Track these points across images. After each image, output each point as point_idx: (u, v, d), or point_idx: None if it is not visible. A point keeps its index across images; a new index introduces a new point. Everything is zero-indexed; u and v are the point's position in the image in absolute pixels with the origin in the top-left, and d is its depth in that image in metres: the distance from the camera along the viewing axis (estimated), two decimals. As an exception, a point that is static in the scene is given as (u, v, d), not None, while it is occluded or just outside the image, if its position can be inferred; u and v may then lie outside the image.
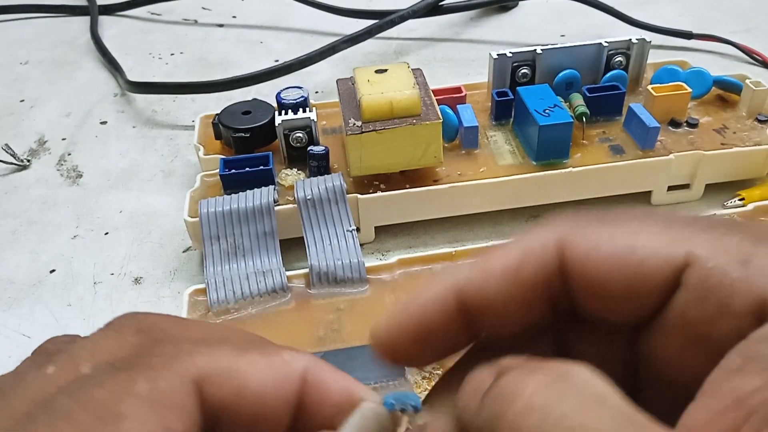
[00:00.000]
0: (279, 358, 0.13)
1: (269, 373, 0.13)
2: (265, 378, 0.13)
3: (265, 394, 0.13)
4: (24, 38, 0.63)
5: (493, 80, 0.41)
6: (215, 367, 0.13)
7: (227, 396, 0.12)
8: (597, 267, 0.12)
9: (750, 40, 0.51)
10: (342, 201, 0.33)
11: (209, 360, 0.13)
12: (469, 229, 0.37)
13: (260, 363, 0.13)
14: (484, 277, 0.13)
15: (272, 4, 0.66)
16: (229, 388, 0.13)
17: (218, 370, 0.13)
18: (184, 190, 0.37)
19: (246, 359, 0.13)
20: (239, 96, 0.45)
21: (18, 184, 0.43)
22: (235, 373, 0.13)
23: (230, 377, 0.13)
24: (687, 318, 0.12)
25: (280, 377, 0.13)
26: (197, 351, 0.13)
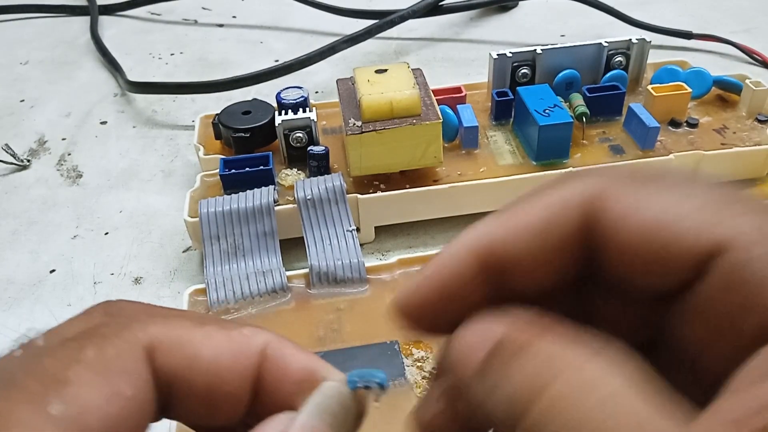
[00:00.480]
0: (237, 333, 0.13)
1: (225, 346, 0.13)
2: (221, 350, 0.13)
3: (220, 366, 0.13)
4: (24, 38, 0.63)
5: (493, 80, 0.41)
6: (167, 336, 0.13)
7: (179, 365, 0.12)
8: (629, 234, 0.12)
9: (750, 40, 0.51)
10: (342, 201, 0.33)
11: (161, 329, 0.13)
12: (469, 229, 0.37)
13: (216, 335, 0.13)
14: (509, 234, 0.13)
15: (272, 4, 0.66)
16: (181, 357, 0.12)
17: (170, 338, 0.13)
18: (184, 190, 0.37)
19: (202, 331, 0.13)
20: (239, 96, 0.45)
21: (18, 184, 0.43)
22: (187, 342, 0.13)
23: (182, 346, 0.13)
24: (714, 304, 0.11)
25: (237, 351, 0.13)
26: (151, 321, 0.13)
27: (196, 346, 0.13)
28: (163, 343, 0.12)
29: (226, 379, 0.13)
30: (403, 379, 0.26)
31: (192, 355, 0.13)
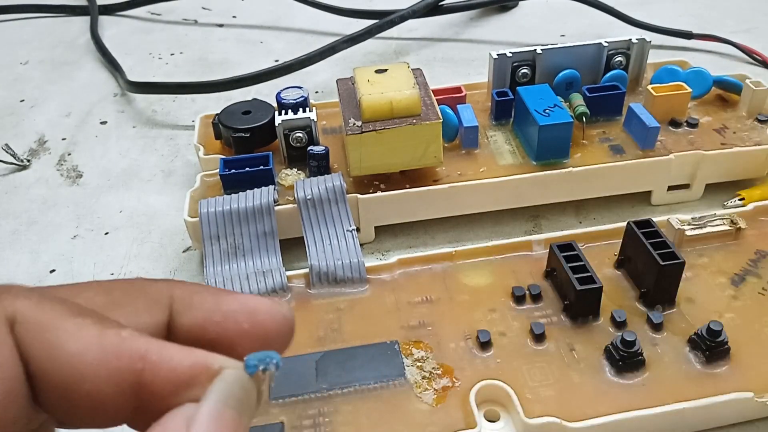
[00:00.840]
0: (114, 333, 0.12)
1: (94, 343, 0.12)
2: (87, 346, 0.12)
3: (83, 362, 0.12)
4: (24, 38, 0.63)
5: (493, 80, 0.41)
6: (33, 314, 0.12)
7: (38, 349, 0.12)
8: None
9: (750, 40, 0.51)
10: (342, 201, 0.33)
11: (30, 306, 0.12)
12: (469, 229, 0.37)
13: (88, 330, 0.12)
14: None
15: (272, 4, 0.66)
16: (41, 341, 0.12)
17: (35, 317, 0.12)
18: (184, 190, 0.37)
19: (74, 321, 0.12)
20: (239, 96, 0.45)
21: (18, 184, 0.43)
22: (52, 327, 0.12)
23: (45, 329, 0.12)
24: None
25: (108, 351, 0.12)
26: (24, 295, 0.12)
27: (60, 334, 0.12)
28: (26, 320, 0.12)
29: (90, 379, 0.12)
30: (403, 379, 0.26)
31: (53, 342, 0.12)
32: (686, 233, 0.31)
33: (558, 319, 0.28)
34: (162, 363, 0.12)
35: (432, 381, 0.26)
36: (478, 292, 0.30)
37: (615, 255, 0.31)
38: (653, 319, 0.27)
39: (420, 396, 0.25)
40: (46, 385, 0.12)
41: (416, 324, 0.29)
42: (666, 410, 0.24)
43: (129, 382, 0.12)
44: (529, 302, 0.29)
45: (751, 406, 0.25)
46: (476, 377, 0.26)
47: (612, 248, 0.31)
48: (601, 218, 0.37)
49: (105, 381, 0.12)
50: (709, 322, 0.26)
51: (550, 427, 0.24)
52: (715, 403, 0.24)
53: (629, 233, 0.30)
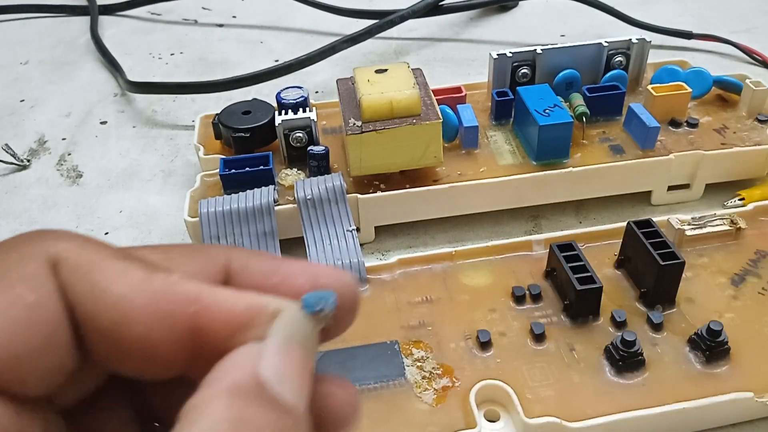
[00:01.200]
0: (163, 276, 0.12)
1: (142, 286, 0.12)
2: (134, 289, 0.11)
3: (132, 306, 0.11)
4: (24, 38, 0.63)
5: (493, 80, 0.41)
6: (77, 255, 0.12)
7: (84, 294, 0.11)
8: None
9: (750, 40, 0.51)
10: (342, 201, 0.33)
11: (73, 247, 0.12)
12: (469, 229, 0.37)
13: (134, 273, 0.12)
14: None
15: (272, 4, 0.66)
16: (85, 284, 0.11)
17: (78, 259, 0.12)
18: (184, 189, 0.37)
19: (120, 264, 0.12)
20: (239, 96, 0.45)
21: (18, 184, 0.43)
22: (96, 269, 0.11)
23: (88, 271, 0.11)
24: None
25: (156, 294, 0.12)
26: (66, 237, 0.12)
27: (106, 275, 0.11)
28: (70, 261, 0.11)
29: (139, 322, 0.11)
30: (403, 379, 0.26)
31: (98, 283, 0.11)
32: (686, 233, 0.31)
33: (558, 319, 0.28)
34: (216, 305, 0.12)
35: (432, 381, 0.26)
36: (478, 292, 0.30)
37: (615, 255, 0.31)
38: (653, 319, 0.27)
39: (420, 396, 0.25)
40: (94, 330, 0.11)
41: (416, 324, 0.29)
42: (666, 410, 0.24)
43: (182, 326, 0.12)
44: (529, 302, 0.29)
45: (751, 406, 0.25)
46: (476, 377, 0.26)
47: (612, 248, 0.31)
48: (601, 218, 0.37)
49: (156, 325, 0.11)
50: (709, 322, 0.26)
51: (550, 427, 0.24)
52: (715, 403, 0.24)
53: (629, 233, 0.30)
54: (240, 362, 0.11)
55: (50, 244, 0.12)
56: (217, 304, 0.12)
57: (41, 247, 0.12)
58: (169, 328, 0.11)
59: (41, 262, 0.11)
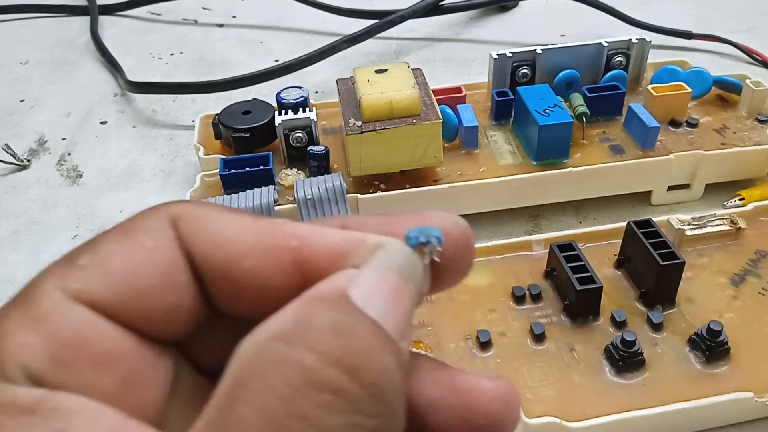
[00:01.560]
0: (268, 220, 0.13)
1: (249, 228, 0.13)
2: (244, 230, 0.13)
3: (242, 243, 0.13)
4: (24, 38, 0.63)
5: (493, 80, 0.41)
6: (193, 210, 0.13)
7: (201, 240, 0.13)
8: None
9: (750, 40, 0.51)
10: (342, 201, 0.33)
11: (189, 206, 0.13)
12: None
13: (243, 219, 0.13)
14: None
15: (272, 4, 0.66)
16: (202, 231, 0.13)
17: (195, 213, 0.13)
18: (184, 190, 0.37)
19: (229, 214, 0.13)
20: (239, 96, 0.45)
21: (18, 184, 0.43)
22: (210, 218, 0.13)
23: (204, 220, 0.13)
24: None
25: (262, 233, 0.13)
26: (184, 202, 0.14)
27: (218, 223, 0.13)
28: (188, 215, 0.13)
29: (249, 256, 0.13)
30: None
31: (212, 229, 0.13)
32: (686, 233, 0.31)
33: (558, 319, 0.28)
34: (317, 238, 0.13)
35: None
36: (478, 292, 0.30)
37: (615, 255, 0.31)
38: (653, 319, 0.27)
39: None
40: (211, 269, 0.13)
41: (416, 324, 0.28)
42: (666, 410, 0.24)
43: (287, 258, 0.13)
44: (529, 302, 0.29)
45: (751, 406, 0.25)
46: (476, 377, 0.26)
47: (612, 248, 0.31)
48: (601, 218, 0.37)
49: (263, 258, 0.13)
50: (709, 322, 0.26)
51: (550, 427, 0.24)
52: (715, 403, 0.24)
53: (629, 233, 0.30)
54: (329, 281, 0.12)
55: (171, 206, 0.13)
56: (317, 238, 0.13)
57: (163, 208, 0.13)
58: (275, 262, 0.13)
59: (162, 218, 0.13)
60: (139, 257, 0.12)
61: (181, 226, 0.13)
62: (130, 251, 0.12)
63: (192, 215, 0.13)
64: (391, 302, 0.12)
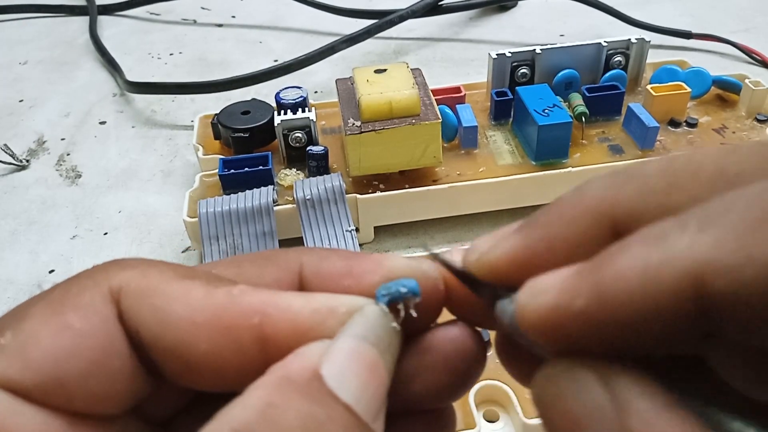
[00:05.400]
0: (223, 291, 0.12)
1: (203, 304, 0.12)
2: (197, 308, 0.11)
3: (194, 324, 0.11)
4: (23, 38, 0.63)
5: (492, 80, 0.41)
6: (137, 282, 0.12)
7: (145, 315, 0.12)
8: None
9: (749, 40, 0.51)
10: (341, 201, 0.33)
11: (134, 274, 0.12)
12: (469, 229, 0.37)
13: (195, 292, 0.12)
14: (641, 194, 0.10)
15: (271, 4, 0.66)
16: (147, 307, 0.12)
17: (139, 285, 0.12)
18: (184, 190, 0.37)
19: (180, 285, 0.12)
20: (238, 96, 0.45)
21: (17, 185, 0.43)
22: (158, 293, 0.12)
23: (150, 295, 0.12)
24: None
25: (219, 310, 0.11)
26: (129, 266, 0.12)
27: (167, 298, 0.12)
28: (131, 288, 0.12)
29: (204, 339, 0.11)
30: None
31: (159, 306, 0.12)
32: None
33: (557, 319, 0.28)
34: (281, 313, 0.12)
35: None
36: (477, 292, 0.30)
37: (614, 255, 0.31)
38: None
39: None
40: (161, 351, 0.12)
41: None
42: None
43: (249, 338, 0.11)
44: (529, 302, 0.29)
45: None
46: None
47: (611, 248, 0.31)
48: (601, 218, 0.37)
49: (221, 340, 0.11)
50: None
51: (550, 427, 0.24)
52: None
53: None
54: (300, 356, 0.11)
55: (113, 274, 0.12)
56: (281, 312, 0.12)
57: (103, 278, 0.12)
58: (234, 342, 0.11)
59: (100, 292, 0.12)
60: (65, 342, 0.11)
61: (124, 301, 0.12)
62: (55, 334, 0.11)
63: (135, 289, 0.12)
64: (367, 379, 0.11)
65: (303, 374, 0.10)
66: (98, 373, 0.11)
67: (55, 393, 0.11)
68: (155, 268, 0.12)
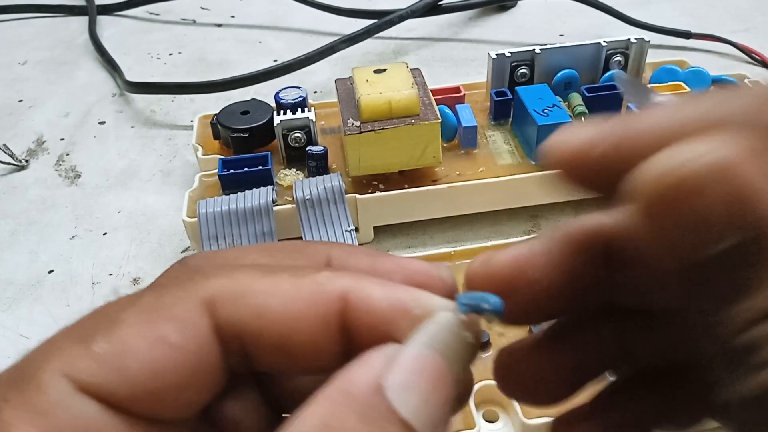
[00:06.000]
0: (310, 280, 0.12)
1: (295, 295, 0.12)
2: (290, 299, 0.12)
3: (291, 315, 0.12)
4: (22, 38, 0.63)
5: (491, 80, 0.41)
6: (230, 288, 0.12)
7: (246, 317, 0.12)
8: None
9: (749, 40, 0.51)
10: (341, 201, 0.33)
11: (224, 281, 0.12)
12: (468, 228, 0.37)
13: (285, 285, 0.12)
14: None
15: (271, 4, 0.66)
16: (246, 309, 0.12)
17: (233, 290, 0.12)
18: (183, 190, 0.36)
19: (269, 281, 0.12)
20: (238, 96, 0.45)
21: (16, 185, 0.43)
22: (252, 293, 0.12)
23: (247, 298, 0.12)
24: None
25: (309, 299, 0.12)
26: (214, 273, 0.12)
27: (262, 296, 0.12)
28: (226, 296, 0.12)
29: (300, 329, 0.12)
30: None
31: (258, 305, 0.12)
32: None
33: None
34: (362, 302, 0.12)
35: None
36: (477, 293, 0.30)
37: (614, 255, 0.31)
38: (652, 319, 0.27)
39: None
40: (260, 346, 0.12)
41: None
42: (665, 410, 0.24)
43: (333, 324, 0.12)
44: (528, 302, 0.29)
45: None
46: (475, 378, 0.26)
47: (611, 248, 0.31)
48: (600, 218, 0.37)
49: (313, 328, 0.12)
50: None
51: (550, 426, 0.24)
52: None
53: (628, 233, 0.30)
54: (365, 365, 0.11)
55: (201, 285, 0.12)
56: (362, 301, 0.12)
57: (193, 289, 0.12)
58: (323, 329, 0.12)
59: (194, 304, 0.12)
60: (161, 356, 0.11)
61: (221, 310, 0.12)
62: (151, 346, 0.11)
63: (230, 296, 0.12)
64: (430, 393, 0.11)
65: (364, 388, 0.11)
66: (192, 385, 0.12)
67: (146, 404, 0.11)
68: (239, 271, 0.13)
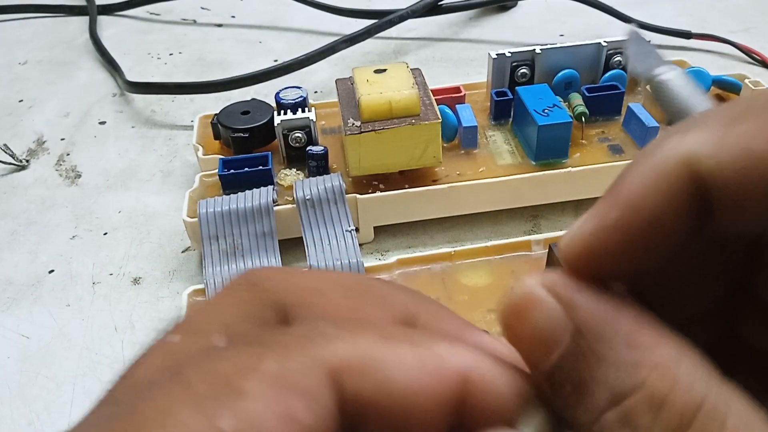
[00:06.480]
0: (432, 354, 0.12)
1: (419, 369, 0.11)
2: (414, 373, 0.11)
3: (413, 391, 0.11)
4: (22, 38, 0.63)
5: (492, 80, 0.41)
6: (356, 357, 0.11)
7: (370, 391, 0.11)
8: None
9: (749, 40, 0.51)
10: (341, 201, 0.33)
11: (348, 348, 0.11)
12: (469, 229, 0.37)
13: (408, 357, 0.11)
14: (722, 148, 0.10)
15: (271, 4, 0.66)
16: (371, 382, 0.11)
17: (359, 360, 0.11)
18: (183, 190, 0.37)
19: (392, 350, 0.11)
20: (238, 96, 0.45)
21: (17, 185, 0.43)
22: (377, 365, 0.11)
23: (372, 369, 0.11)
24: None
25: (432, 375, 0.11)
26: (336, 336, 0.11)
27: (387, 369, 0.11)
28: (352, 366, 0.11)
29: (420, 405, 0.11)
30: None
31: (383, 379, 0.11)
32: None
33: (557, 319, 0.28)
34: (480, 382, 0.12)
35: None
36: (477, 293, 0.30)
37: (614, 255, 0.31)
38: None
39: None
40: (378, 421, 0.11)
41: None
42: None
43: (452, 400, 0.12)
44: (529, 302, 0.29)
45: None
46: None
47: (611, 248, 0.31)
48: (601, 218, 0.37)
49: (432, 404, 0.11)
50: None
51: (550, 427, 0.24)
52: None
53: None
54: None
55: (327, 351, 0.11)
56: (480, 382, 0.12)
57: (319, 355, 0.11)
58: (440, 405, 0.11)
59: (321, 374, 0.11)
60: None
61: (348, 382, 0.11)
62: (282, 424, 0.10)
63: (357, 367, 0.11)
64: None
65: None
66: None
67: None
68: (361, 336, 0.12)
